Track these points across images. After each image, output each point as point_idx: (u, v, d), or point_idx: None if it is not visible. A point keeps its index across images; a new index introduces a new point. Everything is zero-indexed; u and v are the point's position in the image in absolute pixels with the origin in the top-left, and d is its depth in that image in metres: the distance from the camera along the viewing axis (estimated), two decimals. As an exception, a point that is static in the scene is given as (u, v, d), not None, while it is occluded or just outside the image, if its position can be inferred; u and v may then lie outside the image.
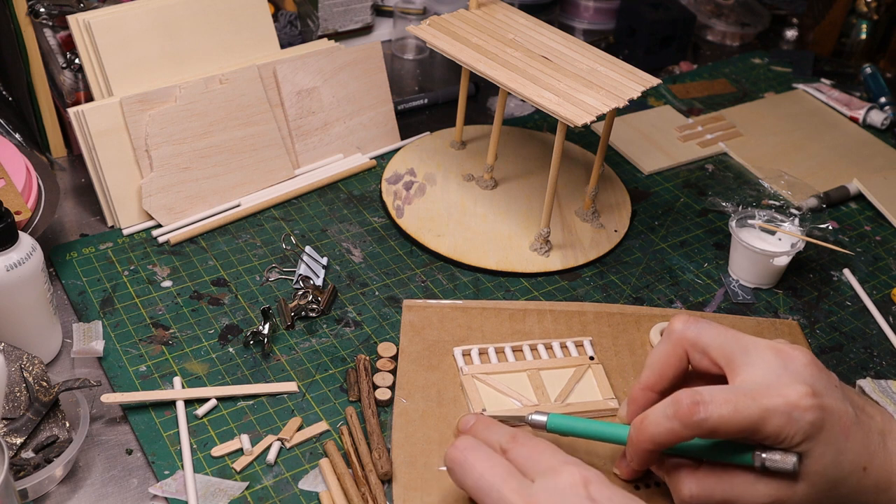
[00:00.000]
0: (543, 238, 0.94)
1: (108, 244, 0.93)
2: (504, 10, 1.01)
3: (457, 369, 0.81)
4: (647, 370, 0.70)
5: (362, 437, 0.74)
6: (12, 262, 0.73)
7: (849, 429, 0.64)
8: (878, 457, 0.65)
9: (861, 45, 1.37)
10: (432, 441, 0.75)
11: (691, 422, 0.62)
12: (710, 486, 0.65)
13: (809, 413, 0.62)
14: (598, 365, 0.82)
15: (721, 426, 0.62)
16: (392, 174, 1.04)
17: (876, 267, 1.00)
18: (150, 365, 0.81)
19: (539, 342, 0.83)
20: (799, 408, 0.62)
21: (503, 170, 1.05)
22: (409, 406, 0.78)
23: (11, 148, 0.90)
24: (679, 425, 0.63)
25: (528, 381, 0.80)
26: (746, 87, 1.30)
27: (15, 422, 0.71)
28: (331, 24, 1.22)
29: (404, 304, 0.88)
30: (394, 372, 0.81)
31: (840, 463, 0.64)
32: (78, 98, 1.00)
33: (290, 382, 0.80)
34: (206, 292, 0.89)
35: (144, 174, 0.94)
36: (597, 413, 0.78)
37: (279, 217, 0.98)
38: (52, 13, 0.96)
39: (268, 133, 1.00)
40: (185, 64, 0.98)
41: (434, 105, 1.20)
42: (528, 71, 0.90)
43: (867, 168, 1.14)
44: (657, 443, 0.65)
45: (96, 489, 0.71)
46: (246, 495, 0.71)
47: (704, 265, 0.98)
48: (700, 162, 1.14)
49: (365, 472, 0.72)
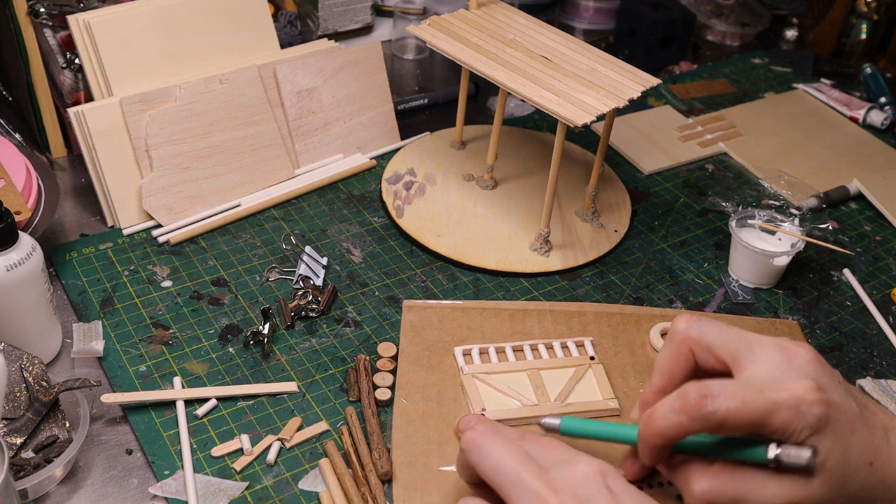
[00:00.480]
0: (543, 238, 0.94)
1: (108, 244, 0.93)
2: (504, 10, 1.01)
3: (457, 369, 0.81)
4: (656, 374, 0.70)
5: (362, 437, 0.74)
6: (12, 262, 0.73)
7: (854, 424, 0.64)
8: (883, 452, 0.65)
9: (861, 45, 1.37)
10: (432, 441, 0.75)
11: (699, 415, 0.62)
12: (722, 484, 0.64)
13: (816, 407, 0.62)
14: (599, 365, 0.82)
15: (729, 419, 0.62)
16: (392, 174, 1.04)
17: (876, 267, 1.00)
18: (150, 365, 0.81)
19: (540, 342, 0.83)
20: (805, 402, 0.62)
21: (503, 170, 1.05)
22: (409, 406, 0.78)
23: (11, 148, 0.90)
24: (687, 419, 0.62)
25: (528, 381, 0.80)
26: (746, 87, 1.30)
27: (15, 422, 0.71)
28: (331, 24, 1.22)
29: (404, 304, 0.88)
30: (394, 372, 0.81)
31: (848, 459, 0.63)
32: (78, 98, 1.00)
33: (290, 382, 0.80)
34: (206, 292, 0.89)
35: (144, 174, 0.94)
36: (597, 413, 0.78)
37: (279, 217, 0.98)
38: (52, 13, 0.96)
39: (268, 133, 1.01)
40: (185, 64, 0.98)
41: (434, 105, 1.20)
42: (528, 71, 0.90)
43: (867, 168, 1.14)
44: (665, 437, 0.64)
45: (96, 489, 0.71)
46: (246, 495, 0.71)
47: (704, 265, 0.98)
48: (700, 162, 1.14)
49: (365, 472, 0.72)
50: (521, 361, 0.82)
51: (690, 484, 0.65)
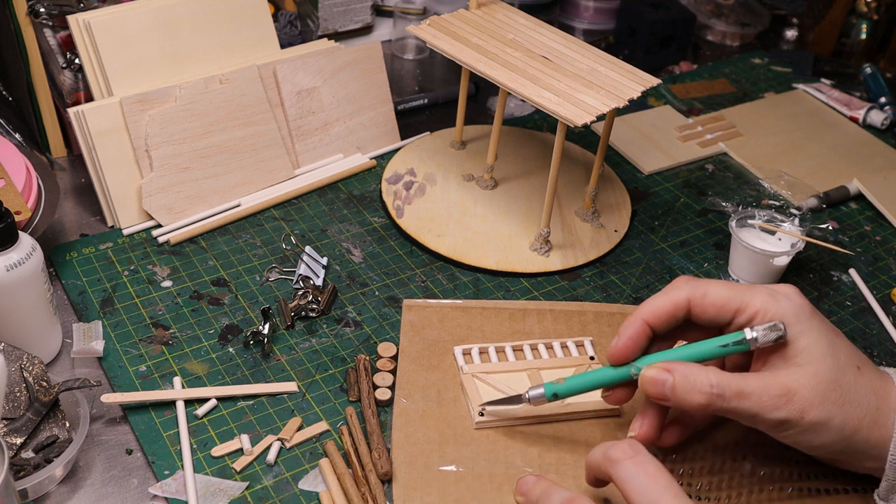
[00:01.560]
0: (543, 238, 0.94)
1: (108, 244, 0.93)
2: (504, 10, 1.01)
3: (457, 369, 0.81)
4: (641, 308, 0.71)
5: (362, 437, 0.74)
6: (12, 262, 0.73)
7: (836, 332, 0.69)
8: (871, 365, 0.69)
9: (861, 45, 1.37)
10: (432, 441, 0.75)
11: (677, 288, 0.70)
12: (726, 380, 0.65)
13: (797, 297, 0.68)
14: (599, 365, 0.82)
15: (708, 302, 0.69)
16: (392, 174, 1.04)
17: (876, 267, 1.00)
18: (150, 365, 0.81)
19: (539, 342, 0.83)
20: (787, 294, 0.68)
21: (503, 170, 1.05)
22: (409, 406, 0.78)
23: (11, 148, 0.90)
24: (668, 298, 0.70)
25: (528, 381, 0.80)
26: (746, 87, 1.30)
27: (15, 422, 0.71)
28: (331, 24, 1.22)
29: (404, 303, 0.88)
30: (394, 372, 0.81)
31: (837, 355, 0.67)
32: (78, 98, 1.00)
33: (290, 382, 0.80)
34: (206, 292, 0.89)
35: (144, 174, 0.94)
36: (597, 413, 0.78)
37: (279, 217, 0.98)
38: (52, 13, 0.96)
39: (268, 133, 1.01)
40: (185, 64, 0.98)
41: (434, 105, 1.20)
42: (528, 71, 0.90)
43: (867, 168, 1.14)
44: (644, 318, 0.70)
45: (96, 489, 0.71)
46: (246, 495, 0.71)
47: (704, 265, 0.98)
48: (700, 162, 1.14)
49: (365, 472, 0.72)
50: (520, 361, 0.82)
51: (698, 380, 0.65)
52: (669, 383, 0.66)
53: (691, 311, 0.69)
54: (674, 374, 0.66)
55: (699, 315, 0.69)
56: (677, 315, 0.70)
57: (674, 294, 0.70)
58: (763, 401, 0.65)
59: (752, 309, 0.67)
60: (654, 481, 0.61)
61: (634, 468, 0.62)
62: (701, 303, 0.69)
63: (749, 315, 0.67)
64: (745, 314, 0.68)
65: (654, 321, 0.70)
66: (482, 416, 0.76)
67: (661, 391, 0.66)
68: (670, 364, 0.67)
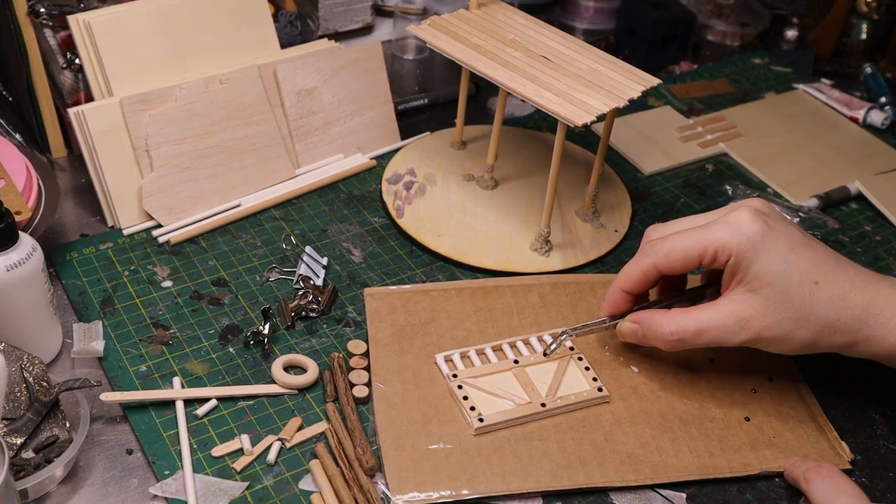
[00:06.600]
0: (544, 238, 0.94)
1: (109, 244, 0.93)
2: (504, 10, 1.01)
3: (428, 351, 0.82)
4: (621, 279, 0.80)
5: (346, 435, 0.74)
6: (12, 262, 0.73)
7: (796, 246, 0.73)
8: (834, 276, 0.74)
9: (861, 44, 1.37)
10: (416, 422, 0.76)
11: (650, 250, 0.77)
12: (685, 321, 0.75)
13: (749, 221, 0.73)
14: (579, 354, 0.83)
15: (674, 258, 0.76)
16: (392, 174, 1.04)
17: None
18: (151, 365, 0.81)
19: (517, 339, 0.84)
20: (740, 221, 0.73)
21: (503, 170, 1.05)
22: (387, 390, 0.78)
23: (11, 148, 0.90)
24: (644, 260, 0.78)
25: (515, 380, 0.80)
26: (747, 87, 1.30)
27: (15, 422, 0.71)
28: (331, 24, 1.22)
29: (366, 292, 0.88)
30: (367, 369, 0.81)
31: (789, 273, 0.73)
32: (78, 98, 1.00)
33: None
34: (206, 292, 0.89)
35: (144, 174, 0.94)
36: (589, 402, 0.79)
37: (279, 217, 0.98)
38: (52, 13, 0.96)
39: (268, 133, 1.01)
40: (185, 64, 0.98)
41: (434, 105, 1.20)
42: (528, 71, 0.90)
43: (867, 168, 1.13)
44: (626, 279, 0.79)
45: (96, 489, 0.71)
46: (246, 495, 0.71)
47: (705, 265, 0.98)
48: (700, 162, 1.14)
49: (353, 469, 0.72)
50: (503, 361, 0.82)
51: (660, 331, 0.76)
52: (640, 332, 0.78)
53: (660, 270, 0.77)
54: (641, 326, 0.78)
55: (669, 270, 0.77)
56: (649, 278, 0.78)
57: (641, 261, 0.78)
58: (722, 330, 0.74)
59: (711, 249, 0.74)
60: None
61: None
62: (666, 261, 0.77)
63: (711, 256, 0.75)
64: (708, 256, 0.75)
65: (631, 287, 0.79)
66: (482, 422, 0.76)
67: (635, 339, 0.79)
68: (638, 316, 0.79)
